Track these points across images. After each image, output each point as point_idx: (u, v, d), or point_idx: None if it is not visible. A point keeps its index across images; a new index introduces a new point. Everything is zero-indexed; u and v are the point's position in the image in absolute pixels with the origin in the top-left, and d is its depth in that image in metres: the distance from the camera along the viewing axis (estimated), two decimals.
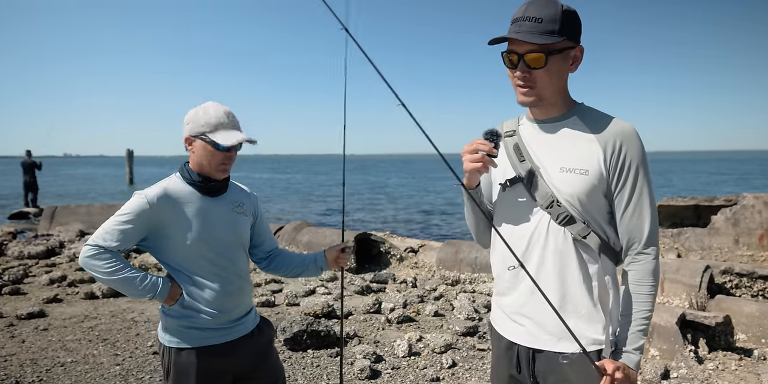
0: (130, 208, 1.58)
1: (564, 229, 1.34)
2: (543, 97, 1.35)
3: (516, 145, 1.45)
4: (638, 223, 1.33)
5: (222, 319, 1.67)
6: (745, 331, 4.03)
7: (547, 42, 1.27)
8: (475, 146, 1.35)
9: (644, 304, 1.33)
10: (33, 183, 14.70)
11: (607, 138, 1.32)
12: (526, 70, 1.32)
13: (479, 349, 3.87)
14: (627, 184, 1.32)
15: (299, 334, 3.83)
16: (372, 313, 4.78)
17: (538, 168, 1.38)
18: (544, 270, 1.37)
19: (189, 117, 1.66)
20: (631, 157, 1.31)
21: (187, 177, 1.67)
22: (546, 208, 1.35)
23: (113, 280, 1.55)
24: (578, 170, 1.32)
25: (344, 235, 2.06)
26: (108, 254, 1.56)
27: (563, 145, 1.37)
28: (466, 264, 6.09)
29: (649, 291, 1.33)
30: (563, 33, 1.29)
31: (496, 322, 1.53)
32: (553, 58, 1.31)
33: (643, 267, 1.33)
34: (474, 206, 1.53)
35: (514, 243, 1.39)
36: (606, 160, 1.31)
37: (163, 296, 1.60)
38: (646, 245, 1.33)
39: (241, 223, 1.75)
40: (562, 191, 1.34)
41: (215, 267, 1.66)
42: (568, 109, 1.41)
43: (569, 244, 1.34)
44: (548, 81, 1.33)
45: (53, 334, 4.21)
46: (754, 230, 6.65)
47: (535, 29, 1.28)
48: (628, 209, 1.33)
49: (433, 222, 15.81)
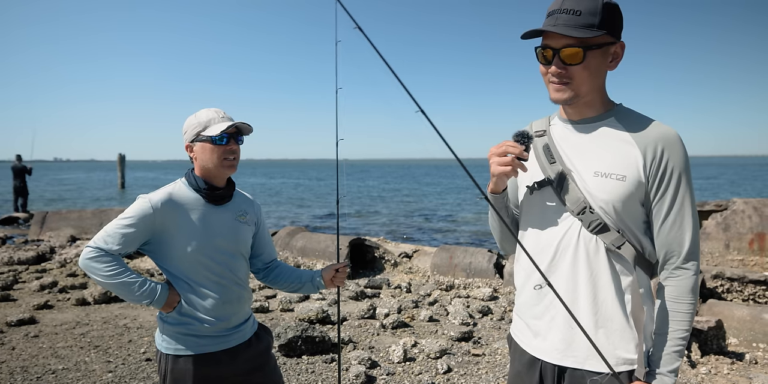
0: (133, 212, 1.57)
1: (596, 237, 1.25)
2: (579, 95, 1.26)
3: (546, 145, 1.36)
4: (678, 235, 1.23)
5: (220, 327, 1.66)
6: (737, 335, 4.07)
7: (586, 36, 1.18)
8: (505, 148, 1.26)
9: (682, 323, 1.22)
10: (23, 188, 14.55)
11: (648, 142, 1.22)
12: (561, 66, 1.23)
13: (474, 355, 3.87)
14: (668, 192, 1.22)
15: (294, 340, 3.82)
16: (367, 318, 4.77)
17: (570, 171, 1.29)
18: (573, 281, 1.27)
19: (184, 126, 1.67)
20: (674, 163, 1.21)
21: (192, 183, 1.67)
22: (577, 214, 1.26)
23: (112, 283, 1.54)
24: (615, 175, 1.23)
25: (339, 243, 2.04)
26: (109, 257, 1.55)
27: (599, 147, 1.27)
28: (461, 269, 6.10)
29: (688, 309, 1.22)
30: (603, 27, 1.20)
31: (517, 335, 1.44)
32: (592, 53, 1.21)
33: (681, 283, 1.23)
34: (499, 213, 1.43)
35: (540, 250, 1.32)
36: (646, 166, 1.22)
37: (160, 303, 1.59)
38: (686, 260, 1.23)
39: (243, 233, 1.74)
40: (596, 197, 1.24)
41: (215, 275, 1.65)
42: (606, 110, 1.31)
43: (601, 254, 1.25)
44: (585, 78, 1.23)
45: (44, 341, 4.16)
46: (744, 235, 6.73)
47: (573, 22, 1.19)
48: (667, 220, 1.23)
49: (427, 227, 15.82)
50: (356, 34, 1.49)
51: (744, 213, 6.88)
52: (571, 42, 1.20)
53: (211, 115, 1.64)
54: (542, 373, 1.33)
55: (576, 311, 1.25)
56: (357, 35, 1.48)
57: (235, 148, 1.66)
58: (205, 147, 1.63)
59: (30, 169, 14.72)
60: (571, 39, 1.20)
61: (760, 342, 3.95)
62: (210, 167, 1.65)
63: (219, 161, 1.63)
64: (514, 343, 1.44)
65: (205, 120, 1.63)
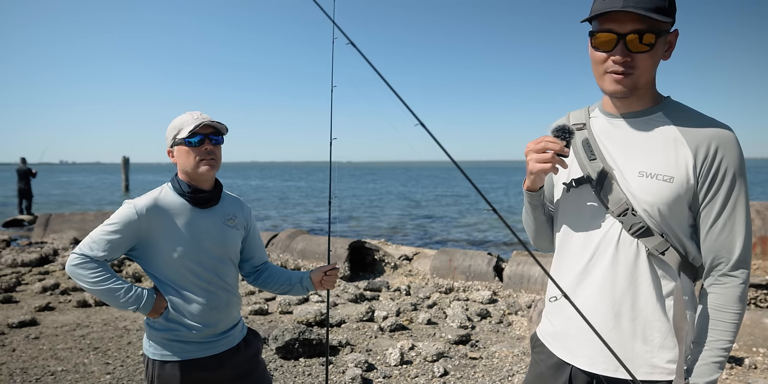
0: (118, 218, 1.57)
1: (637, 241, 1.17)
2: (638, 87, 1.16)
3: (586, 140, 1.26)
4: (728, 241, 1.14)
5: (207, 333, 1.65)
6: (737, 339, 4.04)
7: (662, 20, 1.08)
8: (544, 144, 1.17)
9: (725, 333, 1.14)
10: (27, 190, 14.65)
11: (701, 141, 1.13)
12: (626, 53, 1.11)
13: (471, 358, 3.87)
14: (719, 195, 1.13)
15: (291, 343, 3.82)
16: (365, 321, 4.78)
17: (612, 169, 1.20)
18: (611, 285, 1.20)
19: (166, 133, 1.68)
20: (727, 164, 1.12)
21: (177, 188, 1.66)
22: (618, 215, 1.18)
23: (98, 290, 1.54)
24: (662, 176, 1.15)
25: (336, 246, 2.03)
26: (94, 263, 1.55)
27: (645, 145, 1.18)
28: (460, 272, 6.09)
29: (733, 319, 1.14)
30: (671, 12, 1.10)
31: (544, 337, 1.37)
32: (661, 40, 1.12)
33: (728, 291, 1.15)
34: (534, 210, 1.37)
35: (576, 252, 1.26)
36: (696, 167, 1.13)
37: (147, 309, 1.58)
38: (735, 267, 1.15)
39: (231, 237, 1.72)
40: (639, 199, 1.16)
41: (202, 280, 1.64)
42: (655, 103, 1.21)
43: (642, 259, 1.17)
44: (649, 67, 1.13)
45: (44, 342, 4.19)
46: None
47: (645, 4, 1.08)
48: (716, 224, 1.15)
49: (429, 229, 15.82)
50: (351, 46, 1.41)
51: None
52: (641, 26, 1.09)
53: (185, 118, 1.64)
54: (572, 378, 1.26)
55: (613, 317, 1.19)
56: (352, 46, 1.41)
57: (211, 148, 1.63)
58: (182, 150, 1.63)
59: (35, 173, 14.81)
60: (642, 23, 1.08)
61: (759, 347, 3.93)
62: (189, 170, 1.64)
63: (196, 162, 1.61)
64: (541, 344, 1.37)
65: (179, 123, 1.63)
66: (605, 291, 1.21)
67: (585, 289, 1.23)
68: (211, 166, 1.63)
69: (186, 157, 1.61)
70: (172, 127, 1.65)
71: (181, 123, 1.63)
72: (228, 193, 1.81)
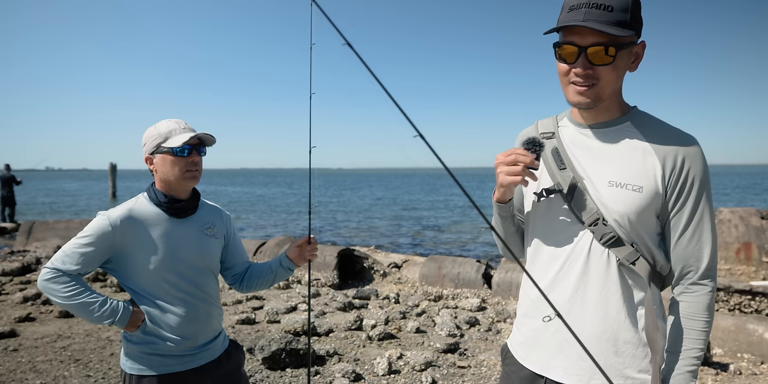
0: (91, 230, 1.52)
1: (608, 251, 1.17)
2: (601, 98, 1.17)
3: (555, 149, 1.26)
4: (696, 250, 1.16)
5: (186, 346, 1.62)
6: (722, 345, 4.07)
7: (620, 34, 1.08)
8: (514, 157, 1.17)
9: (696, 341, 1.16)
10: (10, 197, 14.39)
11: (668, 152, 1.15)
12: (588, 65, 1.12)
13: (459, 367, 3.84)
14: (687, 205, 1.15)
15: (278, 353, 3.77)
16: (353, 330, 4.73)
17: (582, 179, 1.21)
18: (581, 296, 1.20)
19: (144, 137, 1.62)
20: (694, 175, 1.14)
21: (153, 197, 1.62)
22: (590, 225, 1.18)
23: (71, 304, 1.50)
24: (631, 186, 1.15)
25: (325, 254, 2.02)
26: (66, 278, 1.50)
27: (614, 155, 1.19)
28: (449, 280, 6.08)
29: (703, 327, 1.16)
30: (632, 26, 1.11)
31: (515, 349, 1.35)
32: (621, 53, 1.12)
33: (698, 300, 1.16)
34: (504, 222, 1.36)
35: (546, 262, 1.25)
36: (665, 177, 1.15)
37: (123, 323, 1.54)
38: (704, 276, 1.16)
39: (210, 247, 1.69)
40: (610, 209, 1.16)
41: (180, 292, 1.61)
42: (622, 113, 1.23)
43: (613, 269, 1.17)
44: (612, 80, 1.14)
45: (23, 354, 4.08)
46: (731, 244, 6.77)
47: (605, 18, 1.09)
48: (685, 233, 1.16)
49: (419, 237, 15.81)
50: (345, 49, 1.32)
51: (731, 222, 6.93)
52: (601, 40, 1.10)
53: (171, 126, 1.60)
54: None
55: (584, 328, 1.18)
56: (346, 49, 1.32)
57: (197, 159, 1.61)
58: (166, 159, 1.58)
59: (19, 181, 14.57)
60: (602, 37, 1.10)
61: (744, 352, 3.95)
62: (171, 180, 1.60)
63: (181, 173, 1.58)
64: (511, 356, 1.36)
65: (166, 131, 1.59)
66: (576, 302, 1.20)
67: (555, 299, 1.21)
68: (195, 177, 1.61)
69: (170, 167, 1.58)
70: (156, 133, 1.59)
71: (168, 131, 1.58)
72: (206, 202, 1.78)
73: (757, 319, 4.17)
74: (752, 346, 3.94)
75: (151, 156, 1.61)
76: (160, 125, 1.61)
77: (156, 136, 1.59)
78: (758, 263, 6.67)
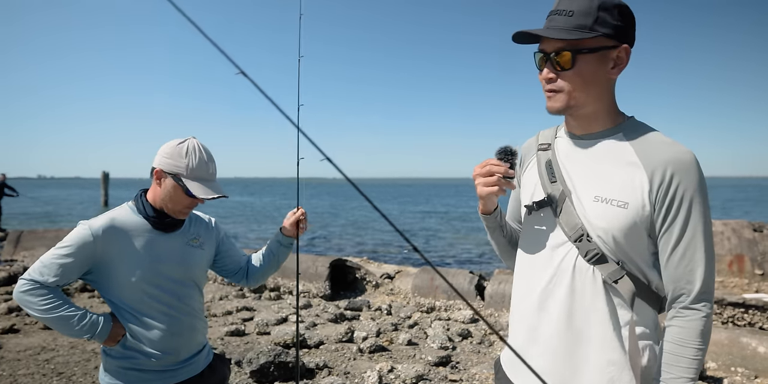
0: (72, 240, 1.46)
1: (593, 268, 1.13)
2: (574, 105, 1.14)
3: (549, 162, 1.24)
4: (688, 271, 1.08)
5: (167, 361, 1.57)
6: (715, 359, 4.04)
7: (573, 37, 1.09)
8: (488, 168, 1.18)
9: (686, 370, 1.06)
10: None
11: (656, 166, 1.08)
12: (553, 71, 1.13)
13: (451, 381, 3.78)
14: (677, 223, 1.08)
15: (266, 366, 3.70)
16: (344, 342, 4.67)
17: (570, 192, 1.17)
18: (567, 314, 1.15)
19: (169, 151, 1.53)
20: (684, 190, 1.07)
21: (140, 209, 1.57)
22: (575, 241, 1.14)
23: (48, 318, 1.44)
24: (616, 202, 1.10)
25: (317, 264, 2.00)
26: (44, 290, 1.45)
27: (602, 168, 1.15)
28: (442, 291, 6.03)
29: (695, 355, 1.07)
30: (599, 28, 1.09)
31: (505, 364, 1.32)
32: (584, 57, 1.11)
33: (689, 325, 1.08)
34: (493, 233, 1.36)
35: (533, 275, 1.23)
36: (652, 193, 1.08)
37: (102, 337, 1.49)
38: (697, 299, 1.08)
39: (195, 259, 1.65)
40: (594, 225, 1.12)
41: (163, 305, 1.56)
42: (615, 124, 1.18)
43: (599, 287, 1.12)
44: (578, 85, 1.12)
45: (5, 368, 3.98)
46: (723, 257, 6.77)
47: (564, 24, 1.11)
48: (675, 253, 1.09)
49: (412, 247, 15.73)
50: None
51: (723, 235, 6.94)
52: (561, 45, 1.11)
53: (202, 166, 1.53)
54: None
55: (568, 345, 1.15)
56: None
57: (201, 202, 1.59)
58: (177, 191, 1.53)
59: (17, 194, 14.29)
60: (562, 42, 1.11)
61: (738, 366, 3.92)
62: (169, 207, 1.57)
63: (181, 208, 1.57)
64: (503, 371, 1.32)
65: (196, 170, 1.52)
66: (562, 319, 1.16)
67: (542, 314, 1.19)
68: (189, 213, 1.62)
69: (174, 196, 1.54)
70: (185, 165, 1.50)
71: (199, 171, 1.52)
72: (192, 212, 1.73)
73: (750, 333, 4.15)
74: (746, 359, 3.92)
75: (165, 175, 1.54)
76: (193, 157, 1.52)
77: (183, 168, 1.51)
78: (751, 276, 6.67)
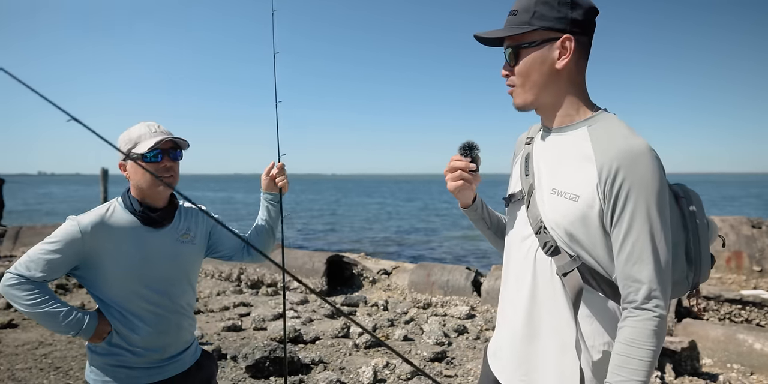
0: (59, 236, 1.44)
1: (551, 259, 1.14)
2: (530, 100, 1.19)
3: (528, 155, 1.28)
4: (636, 271, 1.04)
5: (153, 358, 1.55)
6: (711, 355, 4.04)
7: (511, 34, 1.14)
8: (452, 164, 1.27)
9: (636, 372, 1.02)
10: None
11: (605, 159, 1.06)
12: (507, 68, 1.20)
13: (446, 376, 3.79)
14: (623, 218, 1.04)
15: (261, 361, 3.71)
16: (340, 337, 4.67)
17: (536, 186, 1.20)
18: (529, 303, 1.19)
19: (118, 143, 1.54)
20: (630, 184, 1.03)
21: (127, 205, 1.55)
22: (536, 233, 1.17)
23: (34, 313, 1.43)
24: (569, 195, 1.10)
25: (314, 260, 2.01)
26: (30, 285, 1.43)
27: (561, 162, 1.16)
28: (438, 287, 6.03)
29: (645, 356, 1.02)
30: (537, 22, 1.12)
31: (489, 352, 1.39)
32: (525, 52, 1.15)
33: (639, 324, 1.03)
34: (477, 224, 1.44)
35: (510, 264, 1.29)
36: (599, 186, 1.06)
37: (88, 334, 1.47)
38: (646, 298, 1.03)
39: (185, 255, 1.62)
40: (548, 217, 1.14)
41: (150, 303, 1.54)
42: (583, 118, 1.17)
43: (556, 278, 1.14)
44: (527, 80, 1.16)
45: (2, 362, 3.99)
46: (721, 253, 6.77)
47: (510, 23, 1.17)
48: (623, 251, 1.05)
49: (410, 243, 15.75)
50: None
51: (721, 231, 6.94)
52: (508, 43, 1.18)
53: (142, 130, 1.52)
54: None
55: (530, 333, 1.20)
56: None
57: (170, 164, 1.54)
58: (136, 167, 1.50)
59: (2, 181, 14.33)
60: (509, 39, 1.18)
61: (734, 363, 3.92)
62: (144, 187, 1.53)
63: (152, 180, 1.50)
64: (485, 360, 1.40)
65: (136, 136, 1.52)
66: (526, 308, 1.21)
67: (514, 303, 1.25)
68: (172, 182, 1.53)
69: (142, 174, 1.49)
70: (127, 138, 1.52)
71: (138, 136, 1.51)
72: (181, 205, 1.69)
73: (746, 329, 4.15)
74: (742, 356, 3.92)
75: (124, 162, 1.54)
76: (132, 129, 1.54)
77: (127, 141, 1.52)
78: (749, 272, 6.67)
